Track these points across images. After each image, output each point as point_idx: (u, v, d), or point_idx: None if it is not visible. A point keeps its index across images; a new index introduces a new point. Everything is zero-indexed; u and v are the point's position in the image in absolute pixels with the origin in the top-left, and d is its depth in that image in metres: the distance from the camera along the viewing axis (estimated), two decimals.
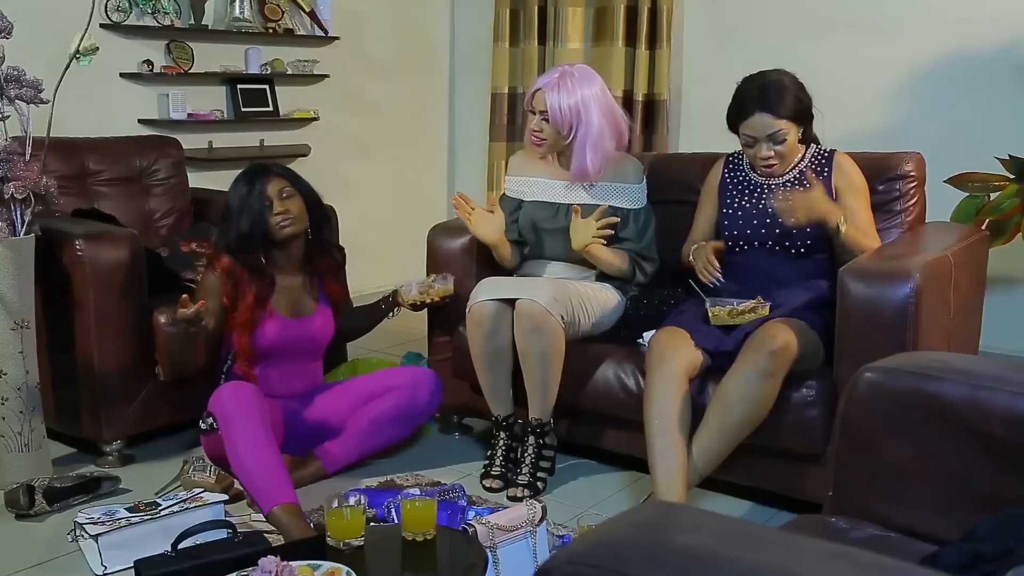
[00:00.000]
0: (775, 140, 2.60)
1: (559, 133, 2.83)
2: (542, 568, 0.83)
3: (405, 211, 5.09)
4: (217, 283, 2.67)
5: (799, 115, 2.61)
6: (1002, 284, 3.73)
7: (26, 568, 2.30)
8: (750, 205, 2.71)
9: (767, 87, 2.60)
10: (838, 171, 2.67)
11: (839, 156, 2.70)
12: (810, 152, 2.71)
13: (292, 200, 2.71)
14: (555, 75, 2.82)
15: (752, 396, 2.36)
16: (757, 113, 2.58)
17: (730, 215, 2.73)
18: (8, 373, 2.64)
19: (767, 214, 2.65)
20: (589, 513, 2.53)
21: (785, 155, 2.63)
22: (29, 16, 2.78)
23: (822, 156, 2.71)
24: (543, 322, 2.61)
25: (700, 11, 4.54)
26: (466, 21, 5.27)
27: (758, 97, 2.59)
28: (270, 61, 4.35)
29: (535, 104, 2.84)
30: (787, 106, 2.58)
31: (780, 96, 2.58)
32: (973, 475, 1.48)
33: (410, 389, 2.83)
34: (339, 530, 1.99)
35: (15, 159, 2.55)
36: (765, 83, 2.61)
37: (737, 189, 2.76)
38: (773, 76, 2.63)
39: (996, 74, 3.78)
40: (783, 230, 2.61)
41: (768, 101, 2.58)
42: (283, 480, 2.38)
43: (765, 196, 2.68)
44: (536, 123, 2.85)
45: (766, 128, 2.59)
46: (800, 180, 2.67)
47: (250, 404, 2.45)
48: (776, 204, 2.55)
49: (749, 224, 2.69)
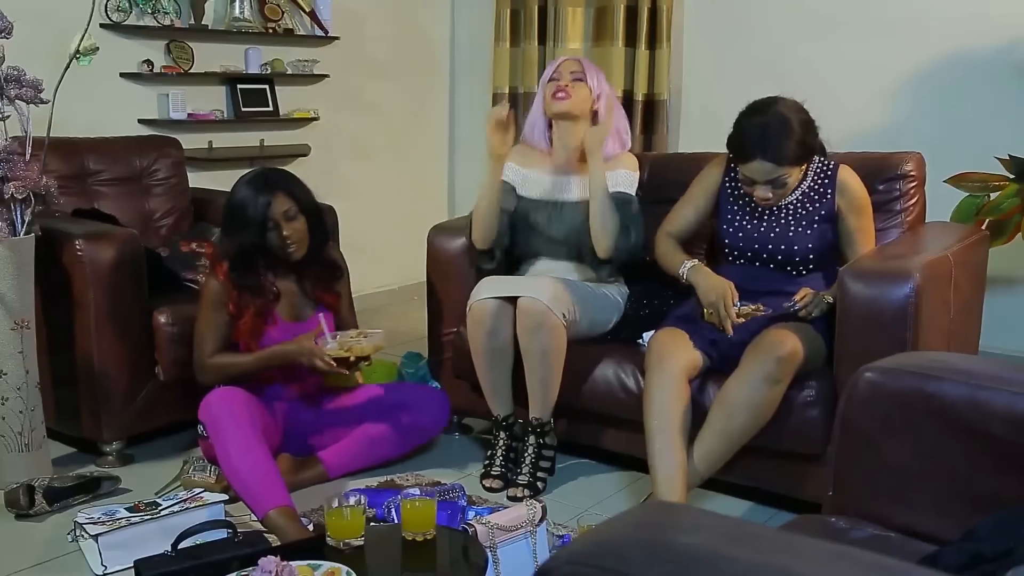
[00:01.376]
0: (776, 184, 2.48)
1: (589, 93, 2.86)
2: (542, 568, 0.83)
3: (405, 211, 5.09)
4: (222, 290, 2.67)
5: (802, 158, 2.47)
6: (1002, 284, 3.73)
7: (26, 568, 2.30)
8: (752, 227, 2.62)
9: (769, 131, 2.42)
10: (841, 192, 2.57)
11: (842, 173, 2.59)
12: (812, 169, 2.61)
13: (297, 221, 2.66)
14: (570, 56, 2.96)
15: (757, 401, 2.35)
16: (758, 160, 2.44)
17: (731, 232, 2.65)
18: (8, 373, 2.64)
19: (769, 238, 2.59)
20: (589, 513, 2.54)
21: (786, 193, 2.54)
22: (29, 16, 2.77)
23: (825, 174, 2.60)
24: (545, 320, 2.61)
25: (700, 11, 4.54)
26: (466, 21, 5.27)
27: (759, 142, 2.43)
28: (270, 61, 4.35)
29: (562, 69, 2.88)
30: (790, 152, 2.43)
31: (783, 142, 2.41)
32: (973, 475, 1.48)
33: (420, 408, 2.84)
34: (339, 530, 1.99)
35: (15, 159, 2.55)
36: (767, 125, 2.42)
37: (738, 205, 2.66)
38: (777, 115, 2.43)
39: (996, 74, 3.78)
40: (787, 254, 2.57)
41: (769, 148, 2.42)
42: (277, 484, 2.38)
43: (768, 218, 2.60)
44: (564, 80, 2.86)
45: (766, 174, 2.46)
46: (804, 201, 2.57)
47: (239, 410, 2.46)
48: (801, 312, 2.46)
49: (750, 244, 2.62)
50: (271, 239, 2.65)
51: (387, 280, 4.66)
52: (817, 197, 2.59)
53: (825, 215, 2.58)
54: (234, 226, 2.66)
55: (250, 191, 2.64)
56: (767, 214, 2.62)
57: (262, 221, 2.62)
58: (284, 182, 2.69)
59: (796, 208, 2.60)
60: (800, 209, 2.59)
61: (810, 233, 2.57)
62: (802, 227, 2.58)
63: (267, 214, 2.62)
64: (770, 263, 2.61)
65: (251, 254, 2.66)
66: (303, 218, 2.68)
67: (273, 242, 2.65)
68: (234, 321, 2.67)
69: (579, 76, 2.86)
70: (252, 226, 2.62)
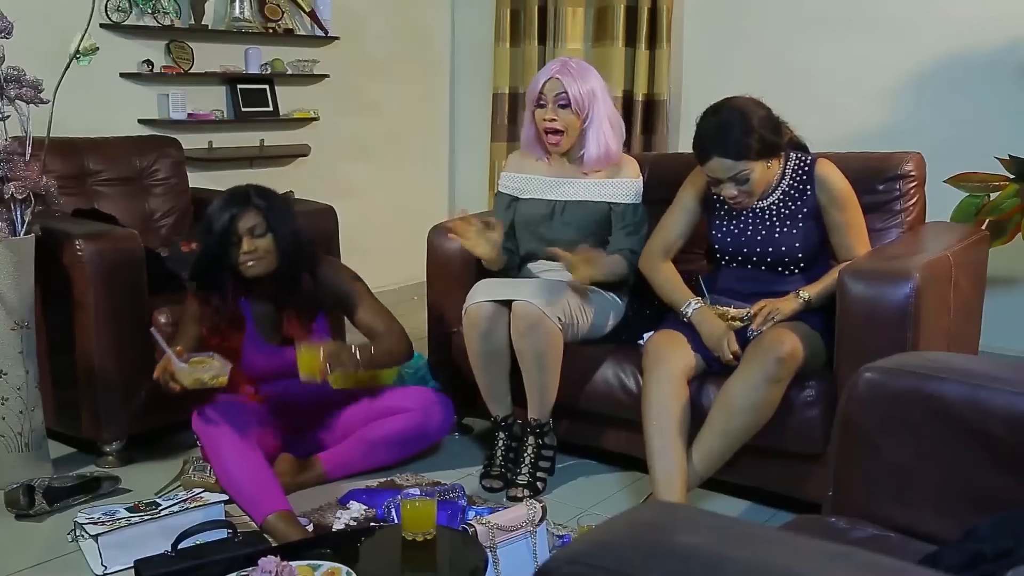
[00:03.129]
0: (738, 180, 2.46)
1: (577, 117, 2.80)
2: (542, 568, 0.83)
3: (405, 211, 5.09)
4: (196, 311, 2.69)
5: (762, 152, 2.44)
6: (1002, 284, 3.73)
7: (26, 568, 2.30)
8: (739, 231, 2.61)
9: (722, 128, 2.43)
10: (820, 186, 2.55)
11: (820, 167, 2.55)
12: (790, 167, 2.57)
13: (261, 240, 2.59)
14: (556, 65, 2.83)
15: (758, 401, 2.35)
16: (715, 157, 2.44)
17: (719, 238, 2.64)
18: (8, 373, 2.64)
19: (756, 240, 2.58)
20: (589, 513, 2.54)
21: (753, 190, 2.50)
22: (29, 16, 2.77)
23: (803, 170, 2.56)
24: (539, 323, 2.61)
25: (700, 11, 4.54)
26: (467, 21, 5.27)
27: (714, 139, 2.44)
28: (270, 61, 4.35)
29: (547, 92, 2.80)
30: (745, 147, 2.41)
31: (737, 138, 2.41)
32: (973, 475, 1.48)
33: (422, 412, 2.82)
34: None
35: (15, 159, 2.55)
36: (720, 123, 2.44)
37: (724, 210, 2.63)
38: (731, 113, 2.45)
39: (996, 74, 3.78)
40: (775, 255, 2.57)
41: (724, 144, 2.42)
42: (273, 488, 2.39)
43: (754, 220, 2.59)
44: (551, 112, 2.80)
45: (726, 171, 2.45)
46: (785, 200, 2.56)
47: (231, 419, 2.47)
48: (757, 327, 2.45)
49: (739, 248, 2.61)
50: (231, 254, 2.61)
51: (387, 280, 4.65)
52: (797, 195, 2.57)
53: (808, 212, 2.56)
54: (200, 233, 2.66)
55: (223, 202, 2.62)
56: (751, 217, 2.60)
57: (225, 233, 2.58)
58: (261, 200, 2.62)
59: (779, 208, 2.58)
60: (783, 209, 2.58)
61: (796, 232, 2.56)
62: (787, 227, 2.56)
63: (230, 227, 2.58)
64: (761, 265, 2.61)
65: (211, 265, 2.64)
66: (271, 239, 2.61)
67: (232, 257, 2.61)
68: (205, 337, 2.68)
69: (564, 101, 2.79)
70: (214, 236, 2.59)
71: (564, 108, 2.79)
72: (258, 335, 2.71)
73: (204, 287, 2.67)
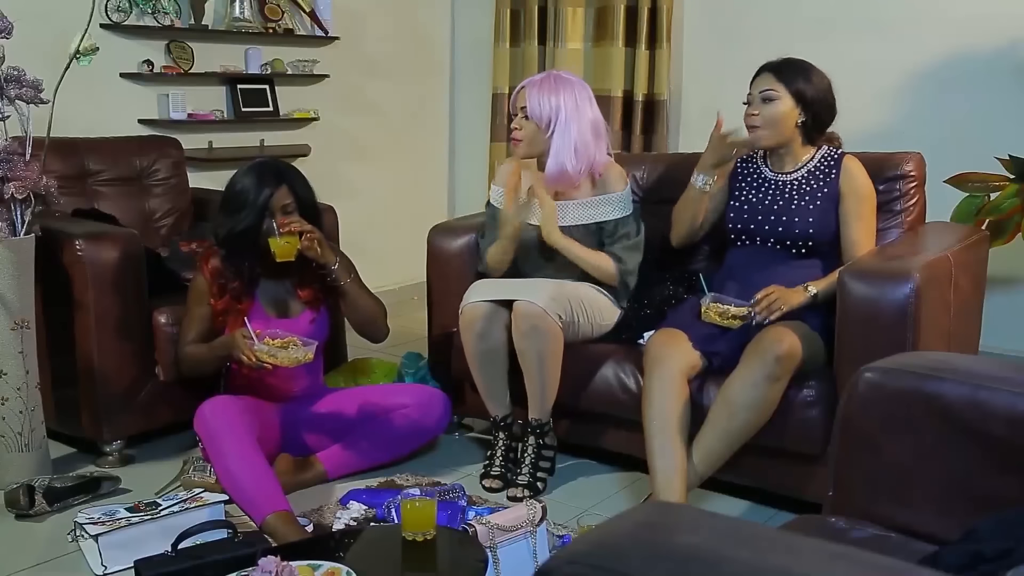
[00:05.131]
0: (765, 99, 2.62)
1: (537, 127, 2.80)
2: (542, 568, 0.83)
3: (405, 211, 5.09)
4: (205, 284, 2.70)
5: (802, 95, 2.61)
6: (1002, 284, 3.73)
7: (26, 568, 2.30)
8: (756, 200, 2.70)
9: (789, 60, 2.66)
10: (845, 174, 2.63)
11: (848, 159, 2.66)
12: (820, 153, 2.69)
13: (292, 216, 2.66)
14: (538, 77, 2.87)
15: (758, 400, 2.36)
16: (765, 72, 2.65)
17: (736, 207, 2.73)
18: (8, 373, 2.64)
19: (773, 211, 2.65)
20: (589, 513, 2.54)
21: (770, 124, 2.62)
22: (29, 16, 2.77)
23: (832, 159, 2.68)
24: (541, 323, 2.61)
25: (700, 11, 4.54)
26: (466, 21, 5.27)
27: (774, 62, 2.66)
28: (270, 61, 4.35)
29: (517, 102, 2.85)
30: (793, 78, 2.61)
31: (793, 69, 2.63)
32: (973, 475, 1.48)
33: (421, 409, 2.81)
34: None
35: (15, 159, 2.55)
36: (790, 58, 2.67)
37: (747, 181, 2.76)
38: (808, 63, 2.68)
39: (996, 74, 3.77)
40: (787, 229, 2.62)
41: (779, 65, 2.64)
42: (273, 489, 2.39)
43: (774, 192, 2.68)
44: (516, 121, 2.84)
45: (762, 84, 2.63)
46: (808, 179, 2.66)
47: (232, 419, 2.46)
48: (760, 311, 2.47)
49: (754, 219, 2.68)
50: (264, 229, 2.65)
51: (387, 280, 4.65)
52: (822, 176, 2.65)
53: (828, 194, 2.62)
54: (232, 208, 2.66)
55: (256, 178, 2.65)
56: (773, 189, 2.69)
57: (261, 209, 2.63)
58: (290, 177, 2.71)
59: (800, 184, 2.66)
60: (804, 185, 2.66)
61: (812, 209, 2.61)
62: (805, 202, 2.63)
63: (268, 204, 2.63)
64: (770, 239, 2.64)
65: (242, 239, 2.65)
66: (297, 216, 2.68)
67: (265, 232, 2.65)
68: (214, 312, 2.69)
69: (527, 112, 2.80)
70: (250, 212, 2.63)
71: (526, 119, 2.82)
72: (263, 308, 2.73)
73: (230, 257, 2.68)
